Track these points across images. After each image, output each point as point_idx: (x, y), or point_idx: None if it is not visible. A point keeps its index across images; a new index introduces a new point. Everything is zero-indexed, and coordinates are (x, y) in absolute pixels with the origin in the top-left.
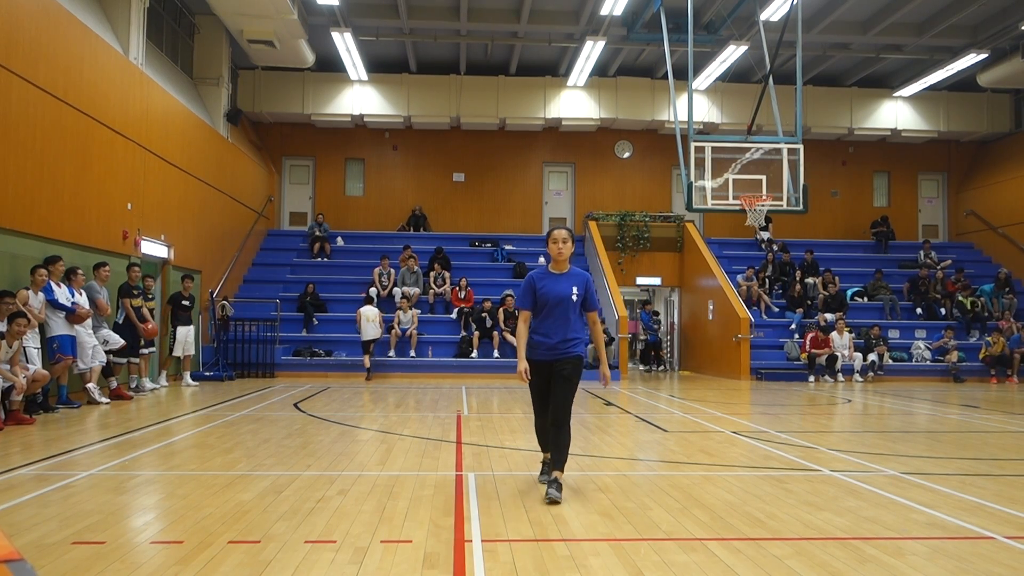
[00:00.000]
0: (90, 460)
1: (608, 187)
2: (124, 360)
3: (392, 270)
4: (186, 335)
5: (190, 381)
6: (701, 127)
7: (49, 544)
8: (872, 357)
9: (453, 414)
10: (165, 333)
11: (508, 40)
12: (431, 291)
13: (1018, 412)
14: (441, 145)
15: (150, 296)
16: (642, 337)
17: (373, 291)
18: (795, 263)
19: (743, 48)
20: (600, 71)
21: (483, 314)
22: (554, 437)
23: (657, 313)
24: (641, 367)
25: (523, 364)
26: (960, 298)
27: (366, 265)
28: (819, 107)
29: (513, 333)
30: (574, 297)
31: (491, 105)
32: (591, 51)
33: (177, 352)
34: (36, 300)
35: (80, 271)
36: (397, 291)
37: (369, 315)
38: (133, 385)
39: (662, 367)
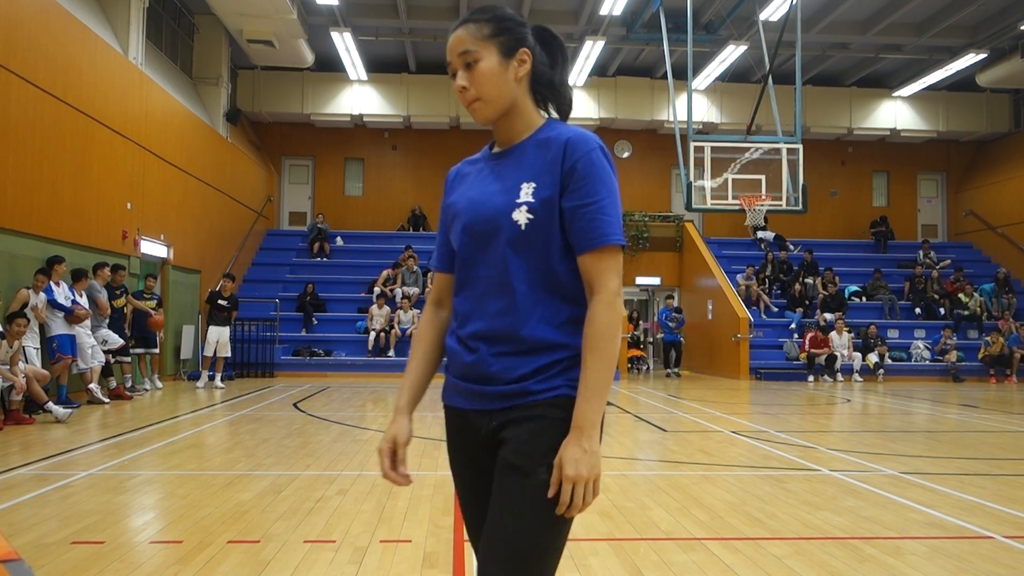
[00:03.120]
0: (89, 460)
1: None
2: (128, 359)
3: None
4: (218, 336)
5: (219, 383)
6: (700, 127)
7: (48, 544)
8: (874, 358)
9: None
10: (166, 333)
11: None
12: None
13: (1017, 412)
14: (440, 145)
15: (148, 296)
16: (658, 336)
17: (377, 290)
18: (792, 263)
19: (742, 48)
20: (599, 71)
21: None
22: None
23: (679, 311)
24: (630, 367)
25: (393, 428)
26: (963, 296)
27: (366, 265)
28: (818, 107)
29: None
30: (521, 218)
31: None
32: (590, 51)
33: (208, 352)
34: (37, 301)
35: (87, 275)
36: (398, 291)
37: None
38: (128, 385)
39: (677, 370)
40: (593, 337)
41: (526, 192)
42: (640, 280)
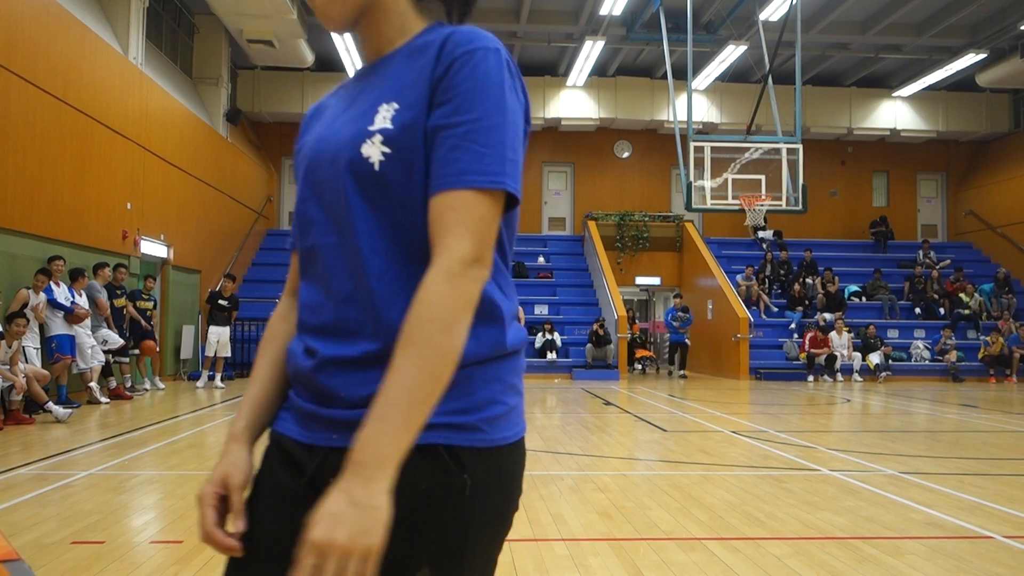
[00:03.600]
0: (89, 460)
1: (607, 187)
2: (127, 359)
3: None
4: (218, 336)
5: (219, 383)
6: (700, 127)
7: (48, 544)
8: (877, 359)
9: None
10: (164, 334)
11: (507, 40)
12: None
13: (1017, 412)
14: None
15: (146, 297)
16: (664, 336)
17: None
18: (791, 263)
19: (742, 48)
20: (599, 71)
21: None
22: None
23: (686, 310)
24: (637, 367)
25: (223, 464)
26: (963, 296)
27: None
28: (818, 107)
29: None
30: (374, 152)
31: None
32: (590, 51)
33: (208, 352)
34: (37, 300)
35: (85, 274)
36: None
37: None
38: (128, 385)
39: (683, 371)
40: (411, 322)
41: (384, 116)
42: (640, 280)
